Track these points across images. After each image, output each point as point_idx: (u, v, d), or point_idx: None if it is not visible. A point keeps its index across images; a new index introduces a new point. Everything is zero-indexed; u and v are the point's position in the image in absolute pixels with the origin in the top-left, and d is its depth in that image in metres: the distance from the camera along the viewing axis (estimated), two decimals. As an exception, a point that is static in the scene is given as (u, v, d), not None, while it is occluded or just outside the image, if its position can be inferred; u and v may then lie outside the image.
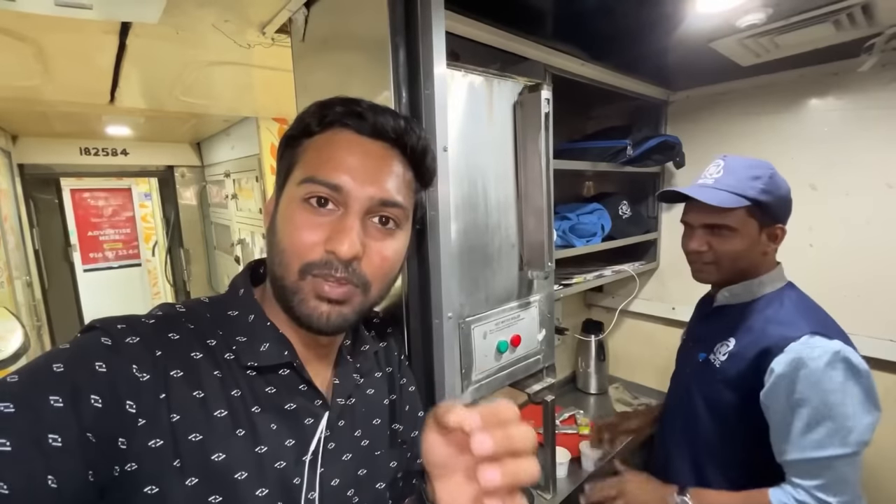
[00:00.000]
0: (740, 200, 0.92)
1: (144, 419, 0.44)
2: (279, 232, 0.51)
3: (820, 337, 0.84)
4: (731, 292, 1.00)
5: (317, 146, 0.52)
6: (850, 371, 0.82)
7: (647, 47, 1.20)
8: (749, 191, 0.91)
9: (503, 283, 1.01)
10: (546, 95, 0.97)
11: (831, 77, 1.34)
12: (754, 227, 0.93)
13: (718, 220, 0.94)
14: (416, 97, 0.76)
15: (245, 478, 0.48)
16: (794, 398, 0.84)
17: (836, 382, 0.82)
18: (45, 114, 2.09)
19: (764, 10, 0.94)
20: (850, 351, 0.84)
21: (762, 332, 0.91)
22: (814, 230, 1.39)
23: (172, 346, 0.48)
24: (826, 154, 1.37)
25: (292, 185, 0.52)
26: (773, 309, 0.94)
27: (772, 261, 0.99)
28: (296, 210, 0.50)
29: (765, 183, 0.91)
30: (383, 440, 0.65)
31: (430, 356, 0.84)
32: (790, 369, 0.84)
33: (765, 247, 0.95)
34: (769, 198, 0.91)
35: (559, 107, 1.03)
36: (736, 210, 0.92)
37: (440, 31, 0.74)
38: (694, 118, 1.64)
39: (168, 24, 1.00)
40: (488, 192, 0.95)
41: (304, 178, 0.50)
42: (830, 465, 0.82)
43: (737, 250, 0.95)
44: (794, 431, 0.85)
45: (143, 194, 5.05)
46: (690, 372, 1.07)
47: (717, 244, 0.96)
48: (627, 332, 1.97)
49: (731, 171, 0.95)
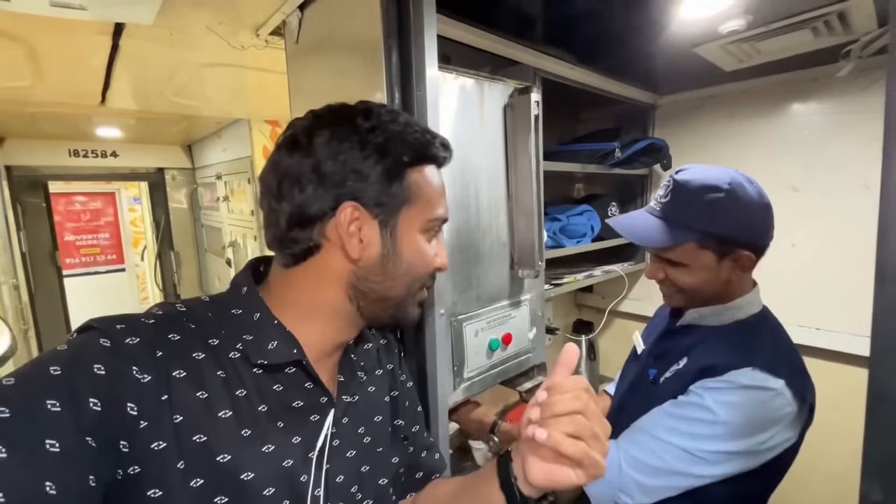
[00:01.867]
0: (684, 234, 0.81)
1: (146, 421, 0.43)
2: (407, 257, 0.56)
3: (764, 373, 0.75)
4: (700, 314, 0.89)
5: (428, 182, 0.57)
6: (764, 405, 0.74)
7: (634, 51, 1.23)
8: (696, 220, 0.80)
9: (494, 282, 1.02)
10: (535, 98, 0.99)
11: (812, 82, 1.38)
12: (709, 258, 0.81)
13: (665, 255, 0.85)
14: (409, 98, 0.78)
15: (252, 478, 0.49)
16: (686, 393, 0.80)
17: (736, 399, 0.75)
18: (34, 115, 2.07)
19: (744, 16, 0.97)
20: (789, 395, 0.75)
21: (711, 353, 0.82)
22: (795, 230, 1.43)
23: (174, 347, 0.48)
24: (807, 156, 1.41)
25: (421, 220, 0.57)
26: (738, 337, 0.83)
27: (743, 285, 0.86)
28: (422, 239, 0.58)
29: (718, 205, 0.78)
30: (385, 436, 0.66)
31: (422, 352, 0.86)
32: (711, 385, 0.78)
33: (729, 275, 0.83)
34: (723, 223, 0.78)
35: (551, 110, 1.05)
36: (684, 245, 0.82)
37: (432, 34, 0.76)
38: (681, 121, 1.68)
39: (162, 25, 1.01)
40: (479, 193, 0.97)
41: (435, 217, 0.58)
42: (662, 447, 0.77)
43: (691, 284, 0.84)
44: (658, 410, 0.82)
45: (133, 198, 5.01)
46: (636, 383, 0.98)
47: (672, 275, 0.86)
48: (617, 332, 2.00)
49: (679, 194, 0.82)
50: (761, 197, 0.80)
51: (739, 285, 0.86)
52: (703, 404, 0.77)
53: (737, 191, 0.78)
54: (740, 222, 0.79)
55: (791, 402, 0.75)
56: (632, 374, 1.02)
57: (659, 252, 0.87)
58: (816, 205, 1.40)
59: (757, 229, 0.81)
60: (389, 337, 0.75)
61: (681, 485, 0.78)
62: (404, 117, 0.56)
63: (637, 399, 0.93)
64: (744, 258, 0.81)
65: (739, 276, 0.84)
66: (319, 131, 0.52)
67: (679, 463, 0.76)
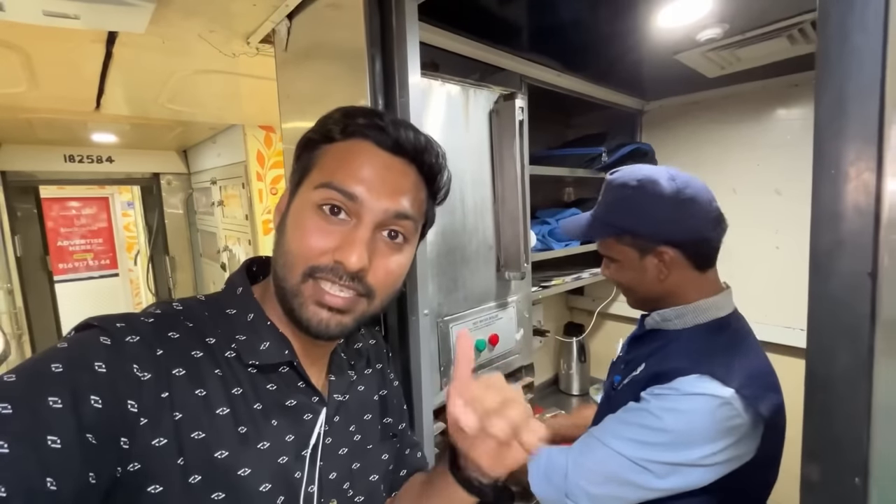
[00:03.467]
0: (603, 230, 0.85)
1: (147, 418, 0.44)
2: (288, 233, 0.52)
3: (712, 380, 0.71)
4: (661, 317, 0.85)
5: (337, 153, 0.53)
6: (710, 414, 0.70)
7: (619, 58, 1.26)
8: (611, 216, 0.84)
9: (481, 284, 1.04)
10: (520, 104, 1.02)
11: (792, 88, 1.41)
12: (631, 254, 0.83)
13: (601, 251, 0.90)
14: (392, 105, 0.80)
15: (248, 474, 0.49)
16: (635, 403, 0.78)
17: (681, 406, 0.72)
18: (29, 121, 2.08)
19: (720, 25, 1.00)
20: (740, 406, 0.70)
21: (665, 360, 0.79)
22: (780, 233, 1.46)
23: (173, 345, 0.48)
24: (790, 160, 1.44)
25: (308, 189, 0.52)
26: (694, 343, 0.79)
27: (694, 285, 0.83)
28: (309, 214, 0.51)
29: (626, 200, 0.81)
30: (374, 434, 0.67)
31: (406, 352, 0.87)
32: (657, 391, 0.76)
33: (657, 273, 0.82)
34: (628, 218, 0.81)
35: (540, 115, 1.08)
36: (607, 240, 0.86)
37: (414, 42, 0.78)
38: (667, 126, 1.71)
39: (154, 33, 1.03)
40: (465, 196, 0.99)
41: (321, 183, 0.51)
42: (607, 454, 0.75)
43: (625, 280, 0.87)
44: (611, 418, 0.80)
45: (127, 203, 5.01)
46: (607, 390, 0.96)
47: (612, 273, 0.89)
48: (607, 334, 2.02)
49: (604, 192, 0.86)
50: (678, 192, 0.78)
51: (687, 285, 0.82)
52: (649, 409, 0.74)
53: (645, 187, 0.79)
54: (648, 217, 0.79)
55: (741, 414, 0.70)
56: (607, 382, 1.01)
57: (598, 249, 0.91)
58: (799, 208, 1.43)
59: (668, 225, 0.79)
60: (378, 337, 0.76)
61: (629, 496, 0.74)
62: (362, 108, 0.57)
63: (604, 407, 0.93)
64: (665, 255, 0.80)
65: (677, 275, 0.81)
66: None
67: (624, 472, 0.73)
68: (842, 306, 0.32)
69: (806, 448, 0.34)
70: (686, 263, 0.81)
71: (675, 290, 0.83)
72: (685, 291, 0.83)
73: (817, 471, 0.33)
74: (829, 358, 0.32)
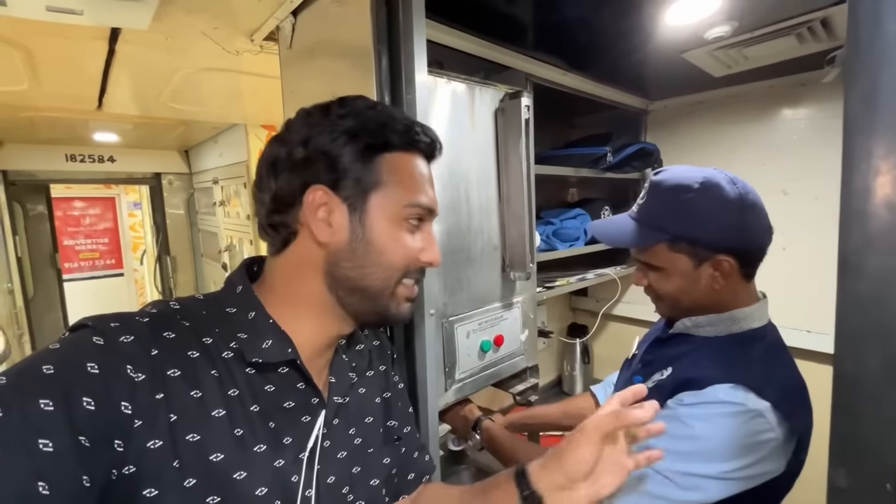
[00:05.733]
0: (655, 235, 0.78)
1: (141, 420, 0.43)
2: (377, 243, 0.55)
3: (748, 391, 0.68)
4: (693, 322, 0.81)
5: (404, 168, 0.57)
6: (744, 427, 0.67)
7: (624, 57, 1.25)
8: (666, 221, 0.76)
9: (486, 284, 1.03)
10: (526, 102, 1.01)
11: (799, 87, 1.40)
12: (684, 262, 0.77)
13: (643, 258, 0.82)
14: (399, 102, 0.79)
15: (244, 477, 0.48)
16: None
17: (712, 416, 0.68)
18: (31, 119, 2.08)
19: (729, 23, 0.99)
20: (774, 420, 0.67)
21: (695, 366, 0.76)
22: (786, 233, 1.45)
23: (168, 345, 0.48)
24: (796, 161, 1.43)
25: (393, 204, 0.55)
26: (728, 351, 0.76)
27: (740, 294, 0.79)
28: (400, 227, 0.56)
29: (688, 205, 0.74)
30: (376, 438, 0.66)
31: (412, 353, 0.86)
32: (688, 400, 0.72)
33: (710, 282, 0.76)
34: (692, 224, 0.74)
35: (545, 115, 1.07)
36: (656, 247, 0.78)
37: (421, 40, 0.77)
38: (671, 126, 1.70)
39: (158, 30, 1.02)
40: (470, 196, 0.98)
41: (410, 203, 0.56)
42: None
43: (671, 290, 0.80)
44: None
45: (133, 203, 5.02)
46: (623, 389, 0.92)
47: (653, 282, 0.82)
48: (611, 336, 2.00)
49: (653, 195, 0.79)
50: (742, 198, 0.73)
51: (733, 295, 0.78)
52: (678, 417, 0.70)
53: (709, 190, 0.74)
54: (712, 224, 0.74)
55: (775, 429, 0.67)
56: (622, 380, 0.99)
57: (637, 255, 0.84)
58: (806, 208, 1.42)
59: (732, 232, 0.74)
60: (382, 338, 0.75)
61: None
62: (389, 108, 0.57)
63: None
64: (724, 264, 0.74)
65: (728, 285, 0.76)
66: (297, 120, 0.56)
67: (645, 483, 0.68)
68: (872, 306, 0.31)
69: (833, 452, 0.33)
70: (739, 273, 0.76)
71: (721, 299, 0.78)
72: (727, 299, 0.78)
73: (845, 476, 0.32)
74: (857, 359, 0.31)
